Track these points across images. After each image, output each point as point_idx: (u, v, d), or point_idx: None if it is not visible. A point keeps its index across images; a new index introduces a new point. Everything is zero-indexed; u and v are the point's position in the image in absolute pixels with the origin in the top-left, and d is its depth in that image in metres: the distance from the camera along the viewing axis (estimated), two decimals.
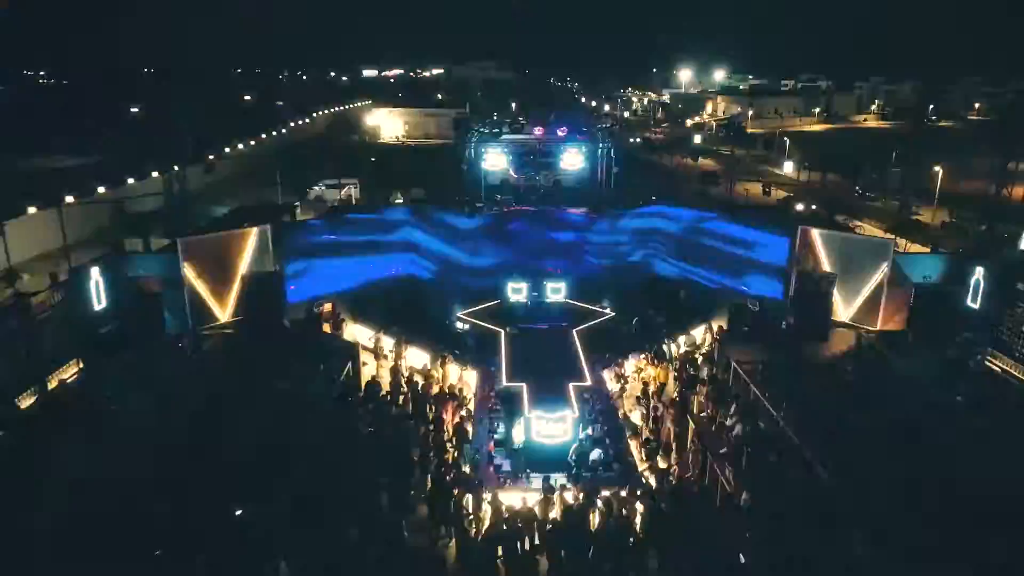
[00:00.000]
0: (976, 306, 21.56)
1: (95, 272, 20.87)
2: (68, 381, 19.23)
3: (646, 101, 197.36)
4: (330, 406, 19.04)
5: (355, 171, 68.85)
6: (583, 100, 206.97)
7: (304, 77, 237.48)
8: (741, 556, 14.20)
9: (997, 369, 20.41)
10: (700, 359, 23.73)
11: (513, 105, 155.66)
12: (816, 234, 23.86)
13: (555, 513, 15.54)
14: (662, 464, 18.20)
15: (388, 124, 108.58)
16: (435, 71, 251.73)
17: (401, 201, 40.83)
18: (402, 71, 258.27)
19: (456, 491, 15.62)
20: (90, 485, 13.70)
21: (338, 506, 14.54)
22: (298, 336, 23.10)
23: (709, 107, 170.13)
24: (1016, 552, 12.36)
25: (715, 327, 25.81)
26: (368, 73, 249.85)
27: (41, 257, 41.36)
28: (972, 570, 12.23)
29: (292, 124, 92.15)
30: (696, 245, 27.94)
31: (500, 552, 14.01)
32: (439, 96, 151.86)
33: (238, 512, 13.31)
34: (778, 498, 15.26)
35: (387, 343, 24.83)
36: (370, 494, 15.62)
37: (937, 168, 56.81)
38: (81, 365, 19.98)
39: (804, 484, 15.97)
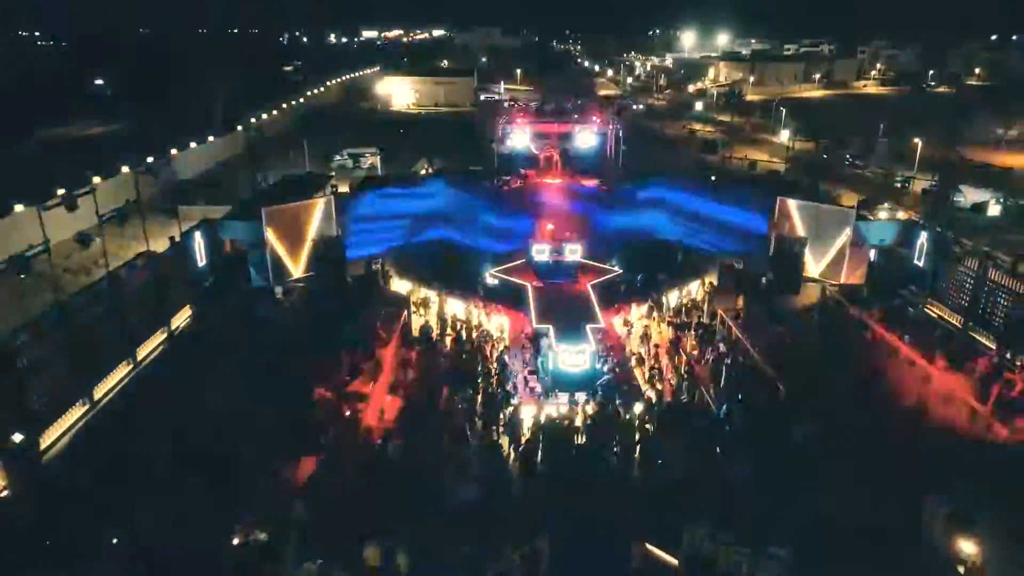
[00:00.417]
0: (921, 264, 26.25)
1: (198, 236, 25.62)
2: (182, 324, 24.01)
3: (648, 66, 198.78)
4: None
5: (372, 139, 72.97)
6: (585, 65, 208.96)
7: (304, 40, 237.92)
8: (718, 448, 19.10)
9: (934, 315, 25.14)
10: (692, 308, 28.54)
11: (518, 71, 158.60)
12: (792, 204, 28.46)
13: (579, 420, 20.43)
14: (659, 386, 23.08)
15: (399, 92, 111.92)
16: (436, 32, 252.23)
17: (425, 172, 45.09)
18: (401, 32, 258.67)
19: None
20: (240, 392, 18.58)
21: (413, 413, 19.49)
22: (359, 288, 27.87)
23: (711, 73, 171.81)
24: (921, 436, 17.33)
25: (707, 282, 30.56)
26: (368, 34, 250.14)
27: (106, 221, 45.85)
28: (895, 452, 17.14)
29: (309, 93, 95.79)
30: (691, 214, 32.46)
31: (540, 446, 18.89)
32: (445, 63, 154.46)
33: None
34: (747, 411, 20.16)
35: (430, 295, 29.57)
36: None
37: (916, 140, 60.73)
38: (191, 311, 24.74)
39: (768, 400, 20.88)
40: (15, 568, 12.54)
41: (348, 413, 18.32)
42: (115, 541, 12.31)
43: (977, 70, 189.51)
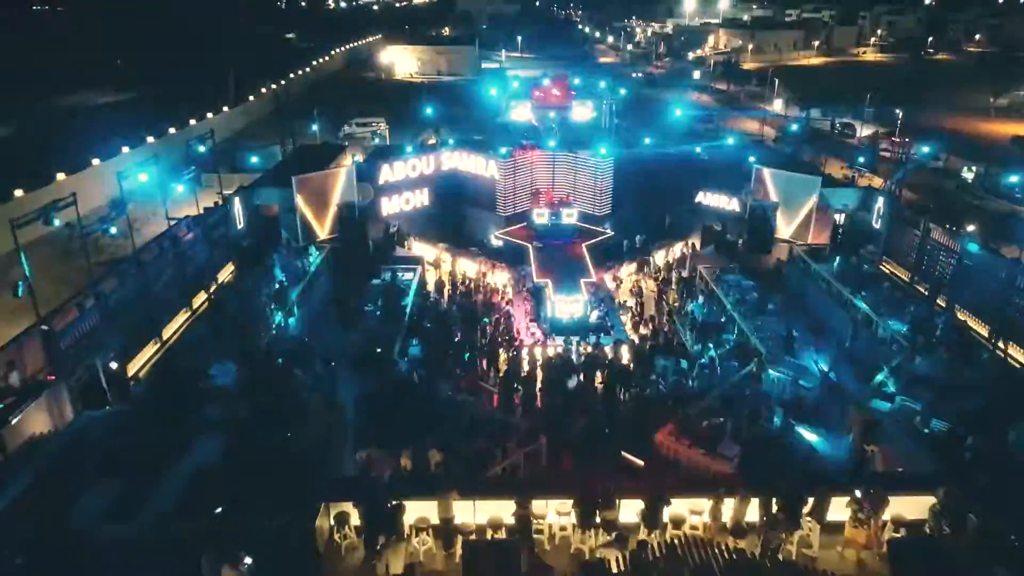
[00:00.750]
0: (877, 226, 29.60)
1: (236, 201, 28.95)
2: (225, 279, 27.44)
3: (649, 32, 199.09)
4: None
5: (377, 108, 75.67)
6: (586, 31, 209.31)
7: (303, 3, 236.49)
8: (690, 381, 22.62)
9: (886, 271, 28.55)
10: (676, 266, 31.98)
11: (519, 39, 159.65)
12: (766, 172, 31.69)
13: (573, 358, 23.96)
14: (643, 331, 26.59)
15: (401, 61, 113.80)
16: None
17: (434, 141, 48.03)
18: None
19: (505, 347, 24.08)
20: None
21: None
22: (379, 249, 31.28)
23: (711, 40, 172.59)
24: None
25: (690, 243, 33.94)
26: None
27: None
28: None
29: (315, 63, 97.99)
30: (678, 181, 35.59)
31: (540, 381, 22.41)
32: (446, 31, 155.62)
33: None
34: (717, 349, 23.68)
35: (444, 256, 32.97)
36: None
37: (898, 111, 63.57)
38: (232, 268, 28.15)
39: (737, 344, 24.38)
40: (119, 467, 15.88)
41: (379, 349, 21.84)
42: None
43: (978, 36, 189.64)
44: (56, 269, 36.22)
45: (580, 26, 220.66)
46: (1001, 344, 20.92)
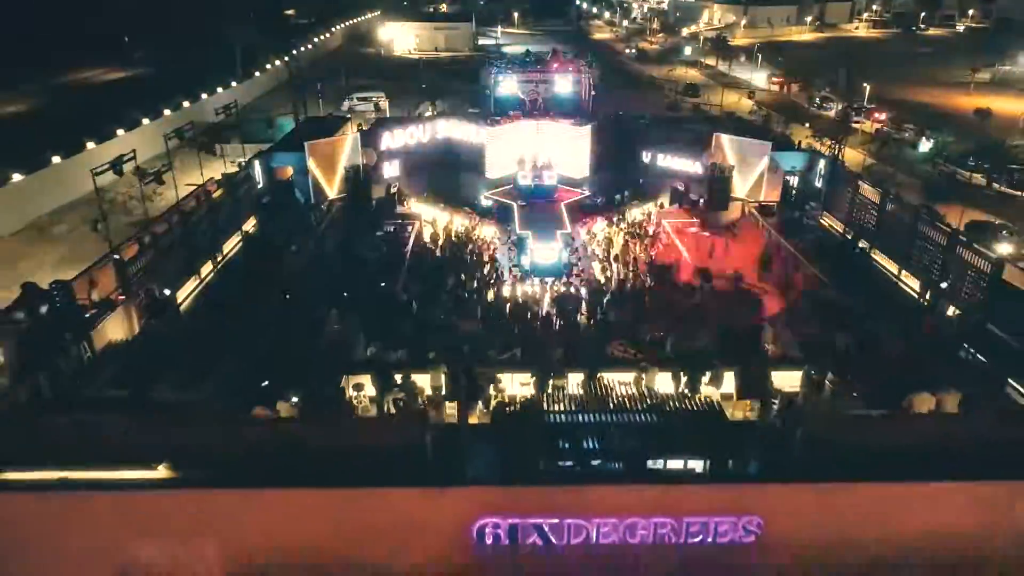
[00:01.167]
0: (819, 185, 33.70)
1: (257, 164, 33.03)
2: (251, 230, 31.57)
3: (646, 8, 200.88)
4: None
5: (377, 83, 79.36)
6: (583, 6, 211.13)
7: None
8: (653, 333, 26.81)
9: (825, 224, 32.66)
10: (644, 221, 36.16)
11: (516, 15, 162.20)
12: (723, 138, 35.72)
13: (549, 295, 28.17)
14: (608, 275, 30.79)
15: (400, 37, 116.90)
16: None
17: (431, 113, 51.97)
18: None
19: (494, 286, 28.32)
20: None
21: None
22: (381, 206, 35.41)
23: (706, 15, 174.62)
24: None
25: (659, 203, 38.06)
26: None
27: (155, 159, 53.08)
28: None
29: (316, 39, 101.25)
30: (648, 146, 39.59)
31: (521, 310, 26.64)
32: (443, 7, 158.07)
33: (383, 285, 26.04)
34: (670, 291, 27.93)
35: (438, 213, 37.08)
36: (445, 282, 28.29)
37: (866, 84, 67.34)
38: (254, 221, 32.27)
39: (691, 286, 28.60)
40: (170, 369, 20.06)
41: (383, 284, 26.10)
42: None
43: (971, 11, 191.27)
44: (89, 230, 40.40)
45: (577, 1, 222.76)
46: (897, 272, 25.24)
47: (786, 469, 13.06)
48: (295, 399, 14.75)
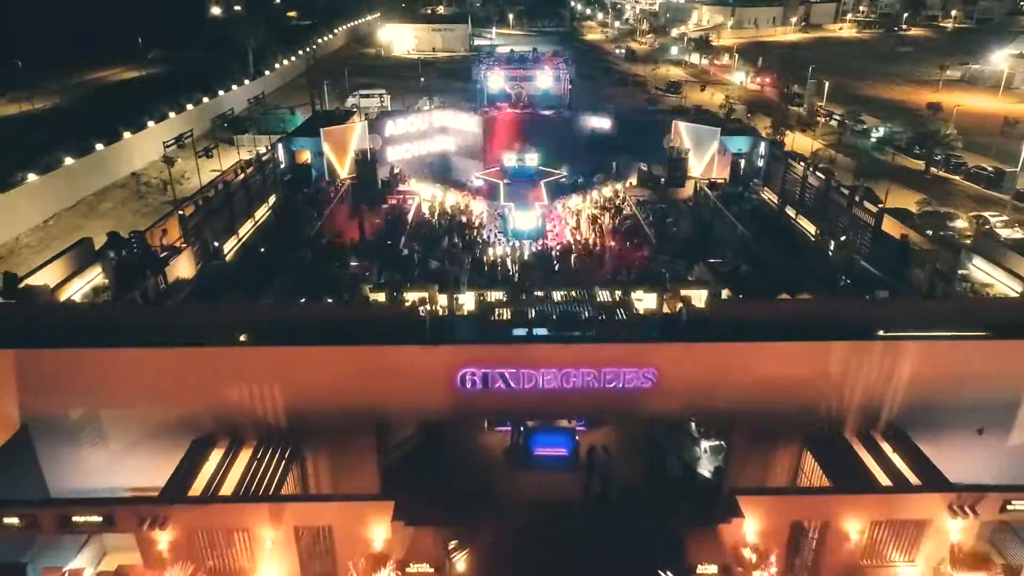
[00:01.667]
0: (761, 165, 39.47)
1: (280, 147, 38.76)
2: (275, 202, 37.27)
3: (637, 9, 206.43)
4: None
5: (379, 81, 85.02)
6: (577, 7, 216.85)
7: None
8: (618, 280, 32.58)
9: (765, 198, 38.41)
10: (613, 197, 41.91)
11: (510, 16, 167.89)
12: (681, 124, 41.51)
13: (527, 253, 33.90)
14: (577, 237, 36.49)
15: (400, 38, 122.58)
16: None
17: (429, 108, 57.54)
18: None
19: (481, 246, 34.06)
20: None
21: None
22: (386, 184, 41.12)
23: (695, 16, 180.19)
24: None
25: (628, 182, 43.83)
26: None
27: (180, 147, 58.72)
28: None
29: (320, 40, 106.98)
30: (621, 133, 45.32)
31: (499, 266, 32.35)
32: (441, 9, 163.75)
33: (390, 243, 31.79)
34: (625, 249, 33.63)
35: (435, 191, 42.81)
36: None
37: (826, 82, 73.16)
38: (276, 195, 37.96)
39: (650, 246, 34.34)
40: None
41: (389, 243, 31.81)
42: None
43: (954, 12, 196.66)
44: (132, 205, 46.22)
45: (571, 2, 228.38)
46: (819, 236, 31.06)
47: (675, 335, 18.83)
48: (330, 301, 20.47)
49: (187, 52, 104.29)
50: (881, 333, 18.69)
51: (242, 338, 18.61)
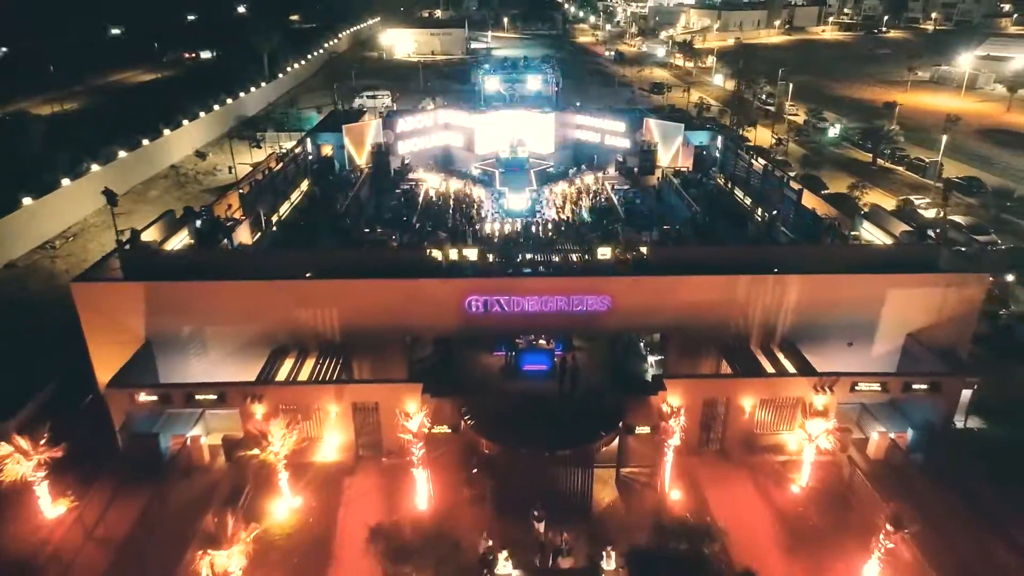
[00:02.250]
0: (718, 155, 46.38)
1: (308, 140, 45.60)
2: (308, 190, 43.99)
3: (629, 12, 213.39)
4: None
5: (383, 83, 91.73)
6: (570, 10, 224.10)
7: None
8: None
9: (719, 182, 45.26)
10: (592, 183, 48.79)
11: (505, 20, 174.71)
12: (650, 121, 48.40)
13: (519, 226, 40.68)
14: (561, 216, 43.28)
15: (400, 42, 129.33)
16: None
17: (432, 107, 64.34)
18: None
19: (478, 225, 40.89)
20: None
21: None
22: (398, 173, 47.95)
23: (683, 19, 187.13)
24: None
25: (605, 171, 50.69)
26: None
27: (208, 144, 65.41)
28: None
29: (326, 44, 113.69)
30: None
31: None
32: (439, 13, 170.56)
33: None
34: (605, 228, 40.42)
35: (440, 179, 49.61)
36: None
37: (789, 84, 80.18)
38: (309, 181, 44.70)
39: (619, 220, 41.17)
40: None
41: (405, 218, 38.62)
42: None
43: (934, 14, 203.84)
44: (175, 193, 52.84)
45: (564, 5, 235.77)
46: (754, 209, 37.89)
47: (625, 271, 25.72)
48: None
49: (201, 55, 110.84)
50: (776, 271, 25.63)
51: (308, 275, 25.46)
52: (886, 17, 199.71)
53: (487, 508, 21.91)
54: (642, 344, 28.37)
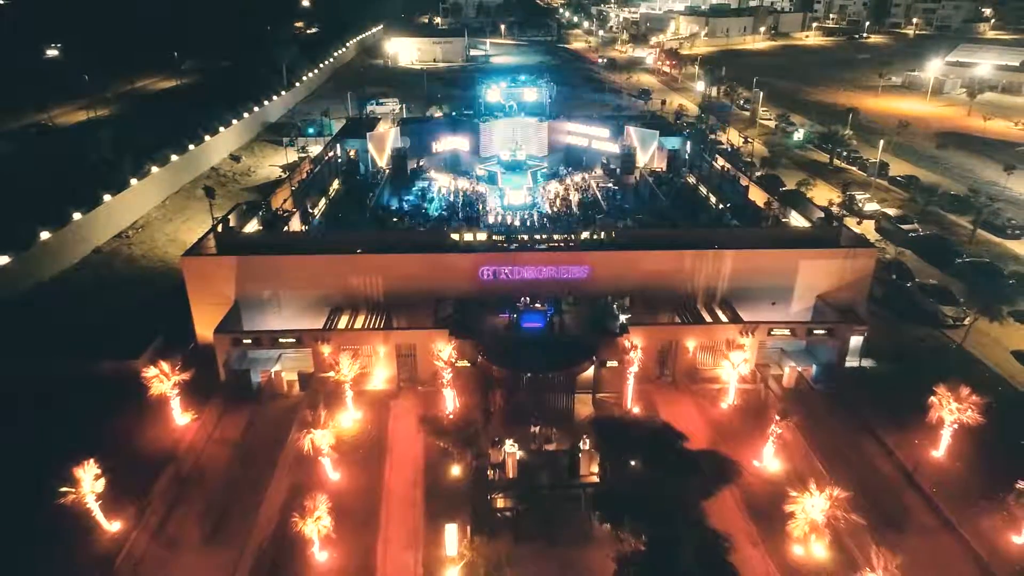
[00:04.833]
0: (686, 156, 54.41)
1: (338, 145, 53.53)
2: (336, 189, 51.81)
3: (621, 17, 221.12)
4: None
5: (390, 91, 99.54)
6: (565, 16, 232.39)
7: None
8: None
9: (691, 181, 53.22)
10: (580, 182, 56.78)
11: (502, 27, 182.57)
12: (630, 128, 56.44)
13: (518, 220, 48.63)
14: (554, 209, 51.15)
15: (404, 50, 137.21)
16: None
17: (440, 114, 72.21)
18: None
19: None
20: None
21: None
22: (415, 173, 55.89)
23: (673, 26, 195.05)
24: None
25: (592, 171, 58.69)
26: None
27: (240, 148, 73.09)
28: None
29: (336, 53, 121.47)
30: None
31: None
32: (439, 21, 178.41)
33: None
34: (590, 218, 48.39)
35: (450, 178, 57.53)
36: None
37: (759, 91, 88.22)
38: (338, 181, 52.54)
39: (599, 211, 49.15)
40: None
41: (424, 210, 46.58)
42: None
43: (915, 19, 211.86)
44: (218, 191, 60.34)
45: (559, 11, 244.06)
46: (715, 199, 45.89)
47: (600, 248, 33.72)
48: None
49: (219, 64, 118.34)
50: (715, 248, 33.63)
51: (358, 251, 33.41)
52: (867, 23, 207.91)
53: (497, 417, 29.86)
54: (615, 305, 36.32)
